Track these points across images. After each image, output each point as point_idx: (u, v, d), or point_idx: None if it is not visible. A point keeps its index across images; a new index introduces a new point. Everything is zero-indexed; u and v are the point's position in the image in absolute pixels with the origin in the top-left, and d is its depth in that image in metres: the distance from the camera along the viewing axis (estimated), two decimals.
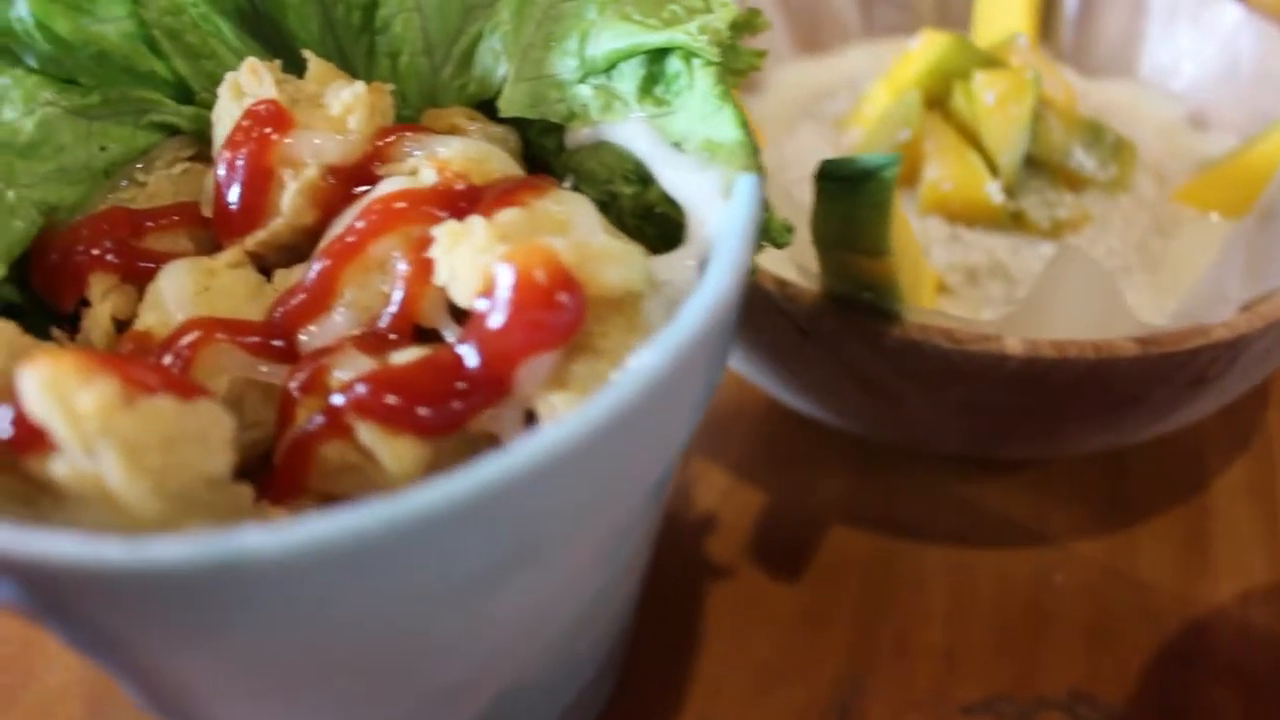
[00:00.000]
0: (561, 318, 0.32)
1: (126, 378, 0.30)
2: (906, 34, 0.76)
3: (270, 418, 0.36)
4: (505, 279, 0.32)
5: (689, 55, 0.39)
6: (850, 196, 0.39)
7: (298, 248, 0.40)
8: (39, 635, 0.52)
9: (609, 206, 0.42)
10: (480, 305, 0.32)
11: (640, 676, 0.51)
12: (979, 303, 0.55)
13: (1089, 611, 0.54)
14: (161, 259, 0.39)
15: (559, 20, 0.43)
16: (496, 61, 0.43)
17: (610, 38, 0.40)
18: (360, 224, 0.37)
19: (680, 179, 0.38)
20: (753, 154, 0.35)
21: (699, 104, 0.38)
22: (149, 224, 0.40)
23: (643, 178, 0.40)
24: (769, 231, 0.38)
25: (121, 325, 0.39)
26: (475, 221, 0.34)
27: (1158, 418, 0.50)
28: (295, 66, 0.43)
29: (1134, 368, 0.46)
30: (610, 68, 0.41)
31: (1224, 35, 0.67)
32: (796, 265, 0.50)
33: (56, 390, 0.29)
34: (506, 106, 0.42)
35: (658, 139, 0.39)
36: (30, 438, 0.30)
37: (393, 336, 0.36)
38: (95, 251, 0.39)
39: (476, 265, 0.33)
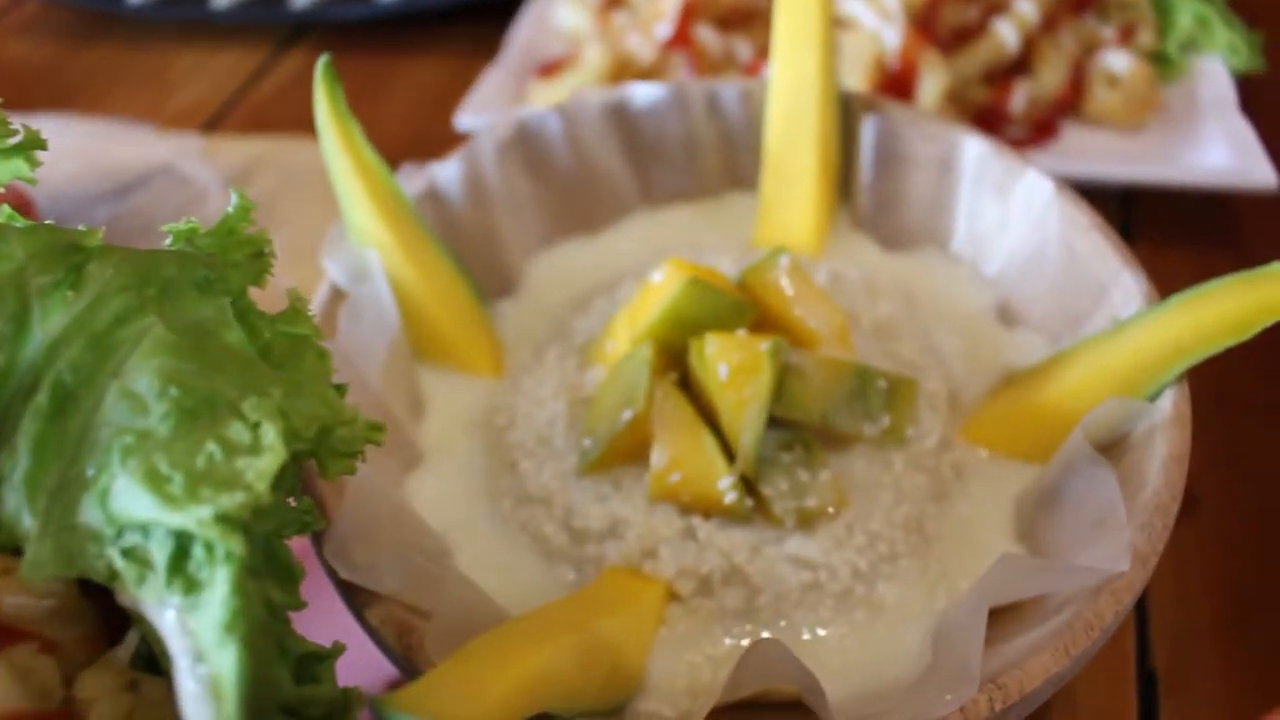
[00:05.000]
0: None
1: None
2: (690, 201, 0.69)
3: None
4: None
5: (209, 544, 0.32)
6: None
7: None
8: None
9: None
10: None
11: None
12: (712, 616, 0.49)
13: None
14: None
15: (92, 452, 0.35)
16: (19, 509, 0.36)
17: (130, 500, 0.33)
18: None
19: None
20: None
21: (213, 619, 0.31)
22: None
23: None
24: None
25: None
26: None
27: None
28: None
29: None
30: (143, 526, 0.34)
31: (1035, 215, 0.59)
32: None
33: None
34: (31, 569, 0.35)
35: (187, 652, 0.32)
36: None
37: None
38: None
39: None
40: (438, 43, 1.05)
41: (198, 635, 0.33)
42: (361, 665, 0.45)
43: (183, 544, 0.33)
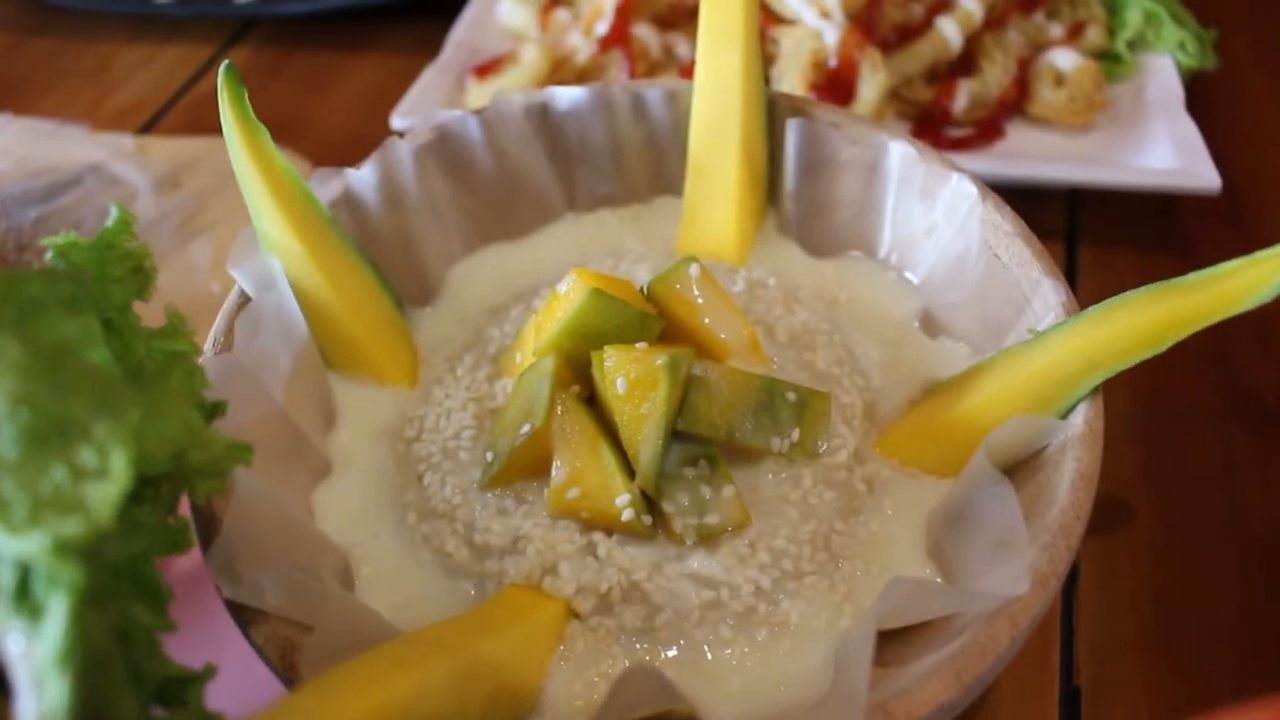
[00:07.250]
0: None
1: None
2: (617, 206, 0.69)
3: None
4: None
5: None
6: None
7: None
8: None
9: None
10: None
11: None
12: (610, 635, 0.49)
13: None
14: None
15: None
16: None
17: None
18: None
19: None
20: None
21: (48, 649, 0.32)
22: None
23: None
24: None
25: None
26: None
27: None
28: None
29: None
30: None
31: (959, 220, 0.59)
32: None
33: None
34: None
35: (28, 679, 0.33)
36: None
37: None
38: None
39: None
40: (385, 38, 1.06)
41: (37, 663, 0.33)
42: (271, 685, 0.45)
43: (27, 570, 0.34)
